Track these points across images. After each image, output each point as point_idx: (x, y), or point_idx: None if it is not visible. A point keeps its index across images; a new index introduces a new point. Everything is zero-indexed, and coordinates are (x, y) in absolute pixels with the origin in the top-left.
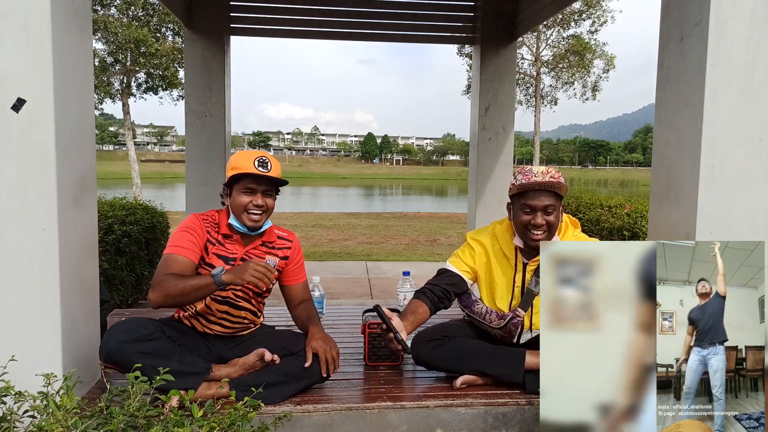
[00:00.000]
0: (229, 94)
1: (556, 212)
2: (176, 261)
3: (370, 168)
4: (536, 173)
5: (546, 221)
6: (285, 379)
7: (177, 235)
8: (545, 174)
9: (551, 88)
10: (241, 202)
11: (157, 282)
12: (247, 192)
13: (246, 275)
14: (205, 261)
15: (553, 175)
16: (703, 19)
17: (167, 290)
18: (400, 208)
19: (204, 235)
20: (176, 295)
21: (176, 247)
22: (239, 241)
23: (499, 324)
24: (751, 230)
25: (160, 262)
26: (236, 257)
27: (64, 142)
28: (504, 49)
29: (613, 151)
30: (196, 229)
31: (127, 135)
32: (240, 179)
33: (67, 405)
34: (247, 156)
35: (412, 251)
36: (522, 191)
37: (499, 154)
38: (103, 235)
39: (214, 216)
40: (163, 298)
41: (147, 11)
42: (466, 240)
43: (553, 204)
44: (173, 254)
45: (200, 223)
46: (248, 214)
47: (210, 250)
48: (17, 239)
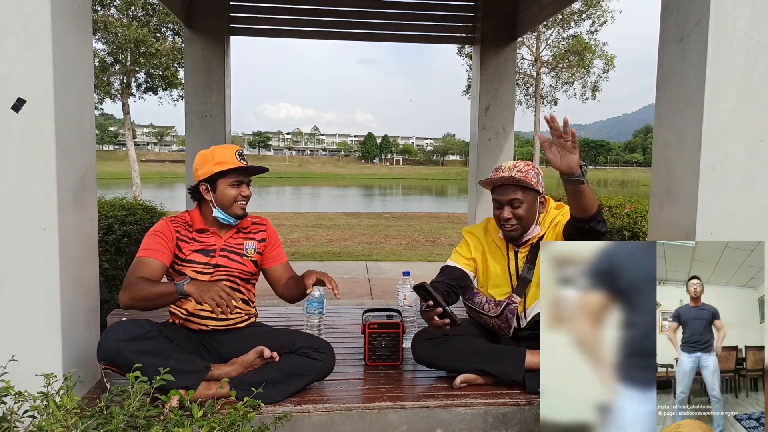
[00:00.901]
0: (229, 94)
1: (526, 205)
2: (146, 264)
3: (370, 168)
4: (504, 169)
5: (513, 214)
6: (285, 377)
7: (146, 239)
8: (512, 169)
9: (551, 88)
10: (231, 195)
11: (127, 284)
12: (234, 185)
13: (206, 296)
14: (185, 259)
15: (520, 169)
16: (703, 19)
17: (134, 293)
18: (400, 208)
19: (173, 236)
20: (141, 299)
21: (146, 250)
22: (216, 233)
23: (495, 312)
24: (751, 230)
25: (131, 265)
26: (215, 248)
27: (64, 142)
28: (504, 49)
29: (613, 151)
30: (165, 231)
31: (127, 135)
32: (226, 174)
33: (67, 405)
34: (226, 151)
35: (412, 251)
36: (492, 187)
37: (499, 154)
38: (103, 235)
39: (183, 217)
40: (131, 300)
41: (147, 11)
42: (462, 235)
43: (517, 198)
44: (143, 257)
45: (168, 225)
46: (238, 204)
47: (185, 248)
48: (17, 239)
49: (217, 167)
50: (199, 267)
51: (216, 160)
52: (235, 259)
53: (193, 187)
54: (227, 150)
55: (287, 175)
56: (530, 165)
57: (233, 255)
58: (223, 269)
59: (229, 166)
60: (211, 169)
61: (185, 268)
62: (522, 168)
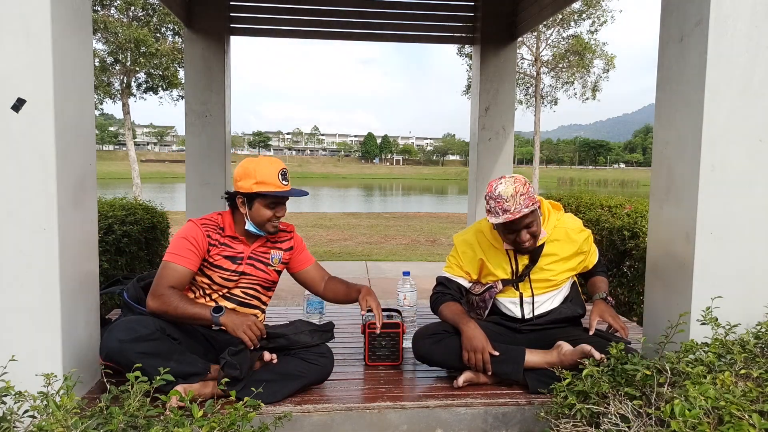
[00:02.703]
0: (229, 94)
1: (536, 221)
2: (175, 271)
3: (370, 168)
4: (507, 200)
5: (530, 233)
6: (281, 378)
7: (177, 242)
8: (516, 196)
9: (551, 88)
10: (265, 215)
11: (159, 294)
12: (270, 206)
13: (239, 331)
14: (213, 264)
15: (523, 193)
16: (703, 19)
17: (167, 307)
18: (400, 208)
19: (205, 241)
20: (173, 315)
21: (175, 255)
22: (245, 242)
23: (478, 290)
24: (751, 230)
25: (160, 269)
26: (243, 256)
27: (64, 142)
28: (504, 49)
29: (613, 151)
30: (197, 237)
31: (127, 135)
32: (265, 195)
33: (67, 405)
34: (270, 169)
35: (412, 251)
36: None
37: (499, 154)
38: (103, 235)
39: (216, 219)
40: (161, 311)
41: (147, 11)
42: (454, 243)
43: (532, 220)
44: (172, 263)
45: (200, 230)
46: (271, 223)
47: (213, 252)
48: (17, 239)
49: (257, 187)
50: (226, 274)
51: (258, 179)
52: (260, 268)
53: (230, 194)
54: (271, 168)
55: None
56: (522, 182)
57: (259, 264)
58: (248, 277)
59: (270, 189)
60: (250, 187)
61: (213, 273)
62: (522, 191)
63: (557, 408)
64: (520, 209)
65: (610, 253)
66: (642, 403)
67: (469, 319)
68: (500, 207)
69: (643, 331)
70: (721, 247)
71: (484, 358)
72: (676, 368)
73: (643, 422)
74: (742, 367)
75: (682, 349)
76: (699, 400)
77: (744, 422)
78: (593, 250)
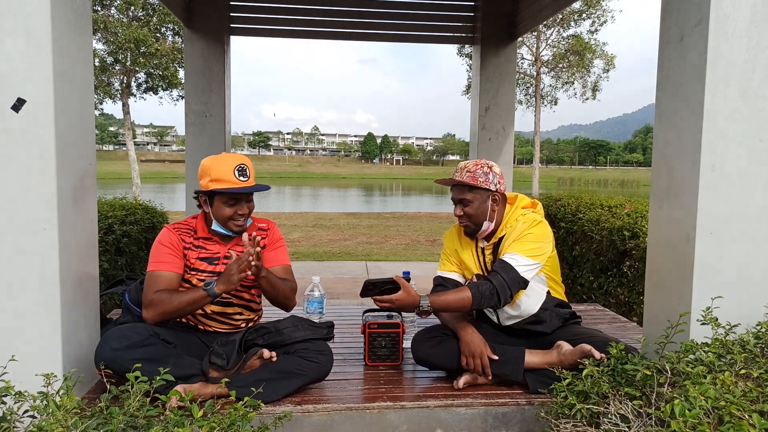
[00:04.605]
0: (229, 94)
1: (475, 203)
2: (161, 277)
3: (370, 168)
4: (458, 170)
5: (464, 212)
6: (280, 376)
7: (154, 251)
8: (462, 170)
9: (551, 88)
10: (226, 214)
11: (149, 301)
12: (229, 204)
13: (234, 278)
14: (191, 267)
15: (469, 169)
16: (703, 19)
17: (162, 307)
18: (400, 208)
19: (180, 245)
20: (171, 311)
21: (157, 263)
22: (219, 241)
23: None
24: (751, 230)
25: (146, 281)
26: (219, 256)
27: (64, 143)
28: (504, 49)
29: (613, 151)
30: (171, 241)
31: (127, 135)
32: (221, 192)
33: (67, 405)
34: (225, 166)
35: (412, 251)
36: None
37: (499, 154)
38: (103, 235)
39: (189, 223)
40: (159, 315)
41: (147, 11)
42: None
43: (466, 197)
44: (156, 271)
45: (173, 234)
46: (234, 222)
47: (190, 255)
48: (17, 239)
49: (213, 184)
50: (204, 275)
51: (212, 176)
52: None
53: (195, 194)
54: (226, 164)
55: (287, 175)
56: (480, 164)
57: None
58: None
59: (225, 186)
60: (207, 185)
61: (191, 277)
62: (471, 168)
63: (557, 408)
64: (460, 178)
65: (610, 253)
66: (642, 403)
67: (467, 324)
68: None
69: (643, 331)
70: (721, 247)
71: (483, 362)
72: (676, 368)
73: (643, 422)
74: (742, 367)
75: (682, 349)
76: (699, 400)
77: (744, 422)
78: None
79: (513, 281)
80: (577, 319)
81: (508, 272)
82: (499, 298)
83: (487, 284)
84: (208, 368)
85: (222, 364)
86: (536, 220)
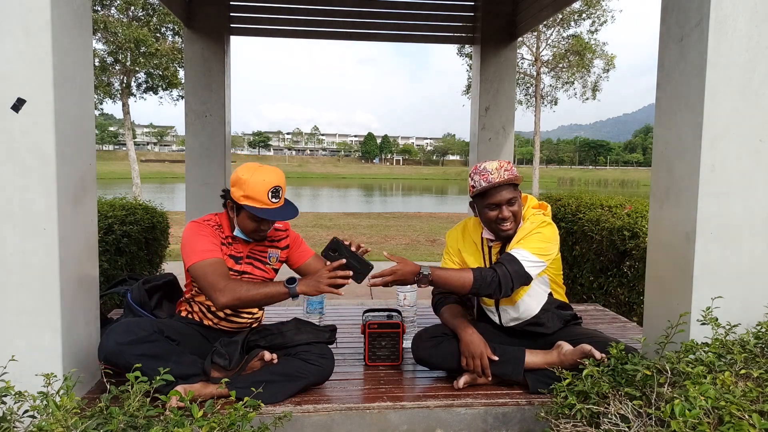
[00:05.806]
0: (229, 94)
1: (518, 201)
2: (216, 264)
3: (370, 168)
4: (492, 172)
5: (511, 212)
6: (281, 378)
7: (196, 242)
8: (500, 170)
9: (551, 88)
10: (249, 227)
11: (222, 287)
12: (256, 219)
13: (321, 286)
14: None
15: (507, 168)
16: (703, 19)
17: (239, 295)
18: (400, 208)
19: (219, 238)
20: (248, 300)
21: (203, 252)
22: (241, 241)
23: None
24: (751, 230)
25: (203, 268)
26: (242, 255)
27: (64, 142)
28: (504, 49)
29: (613, 151)
30: (213, 233)
31: (127, 135)
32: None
33: (67, 405)
34: (262, 185)
35: (412, 251)
36: (484, 192)
37: (499, 154)
38: (103, 235)
39: (214, 220)
40: (234, 301)
41: (147, 11)
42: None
43: (513, 196)
44: (206, 260)
45: (208, 227)
46: (257, 234)
47: (224, 251)
48: (17, 239)
49: (244, 200)
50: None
51: (246, 193)
52: (259, 267)
53: (224, 196)
54: (263, 185)
55: (287, 175)
56: (508, 162)
57: (257, 263)
58: (248, 276)
59: (256, 205)
60: (239, 198)
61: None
62: (506, 167)
63: (557, 408)
64: (504, 176)
65: (610, 253)
66: (642, 403)
67: (467, 324)
68: (485, 179)
69: (643, 331)
70: (721, 247)
71: (483, 363)
72: (676, 368)
73: (643, 422)
74: (742, 367)
75: (682, 349)
76: (699, 400)
77: (744, 422)
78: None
79: (516, 274)
80: (577, 321)
81: (513, 265)
82: (500, 288)
83: (490, 271)
84: (210, 368)
85: (224, 365)
86: (545, 221)
